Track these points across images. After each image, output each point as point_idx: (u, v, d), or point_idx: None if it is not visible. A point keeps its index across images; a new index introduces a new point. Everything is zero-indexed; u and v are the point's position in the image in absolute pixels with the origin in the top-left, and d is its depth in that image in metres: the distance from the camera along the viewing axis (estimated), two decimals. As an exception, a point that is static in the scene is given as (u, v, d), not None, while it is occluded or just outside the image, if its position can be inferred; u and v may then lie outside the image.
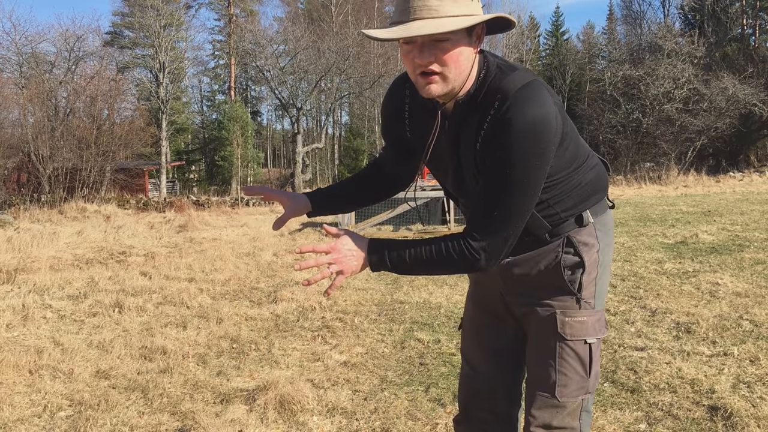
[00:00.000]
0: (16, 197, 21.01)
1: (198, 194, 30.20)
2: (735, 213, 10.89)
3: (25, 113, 23.60)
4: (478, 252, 1.42)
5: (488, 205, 1.42)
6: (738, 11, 35.30)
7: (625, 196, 18.65)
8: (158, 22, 32.53)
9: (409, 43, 1.35)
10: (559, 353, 1.56)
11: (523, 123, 1.34)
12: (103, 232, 11.11)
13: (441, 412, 2.94)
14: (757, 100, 28.01)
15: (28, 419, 3.01)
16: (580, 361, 1.56)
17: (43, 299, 5.55)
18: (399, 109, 1.61)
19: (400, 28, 1.32)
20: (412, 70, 1.38)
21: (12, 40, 30.77)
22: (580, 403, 1.58)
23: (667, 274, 5.90)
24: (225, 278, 6.49)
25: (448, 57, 1.34)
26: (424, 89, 1.38)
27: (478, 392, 1.76)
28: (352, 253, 1.45)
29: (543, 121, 1.36)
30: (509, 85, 1.38)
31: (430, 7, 1.30)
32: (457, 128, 1.48)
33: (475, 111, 1.43)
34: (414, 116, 1.59)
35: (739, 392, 3.00)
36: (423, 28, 1.29)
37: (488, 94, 1.40)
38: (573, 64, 40.81)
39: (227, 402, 3.14)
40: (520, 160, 1.36)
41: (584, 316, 1.57)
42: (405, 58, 1.38)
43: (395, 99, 1.62)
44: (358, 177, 1.83)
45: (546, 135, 1.37)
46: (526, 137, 1.35)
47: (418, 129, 1.57)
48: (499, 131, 1.37)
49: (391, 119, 1.65)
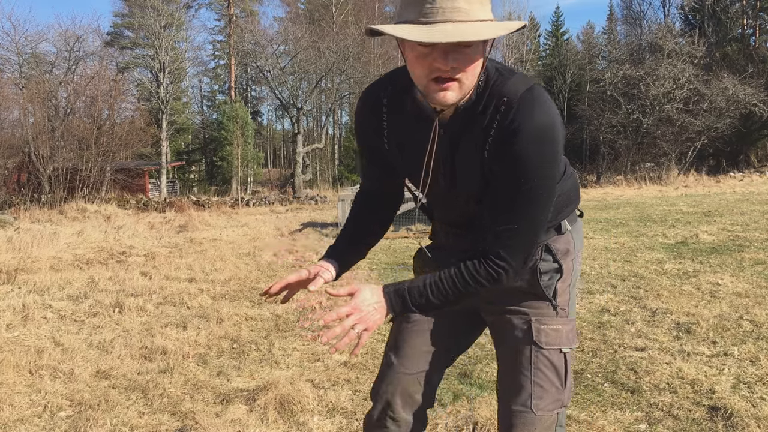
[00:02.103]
0: (16, 197, 21.02)
1: (198, 194, 30.23)
2: (735, 213, 10.89)
3: (25, 113, 23.62)
4: (504, 270, 1.38)
5: (505, 220, 1.37)
6: (738, 11, 35.30)
7: (625, 196, 18.64)
8: (158, 22, 32.52)
9: (428, 46, 1.23)
10: (534, 363, 1.51)
11: (533, 130, 1.31)
12: (104, 232, 11.12)
13: (441, 412, 2.94)
14: (757, 100, 28.00)
15: (29, 419, 3.01)
16: (555, 371, 1.52)
17: (44, 299, 5.55)
18: (377, 121, 1.50)
19: (437, 31, 1.19)
20: (426, 74, 1.27)
21: (12, 41, 30.80)
22: (555, 418, 1.52)
23: (667, 274, 5.90)
24: (225, 278, 6.49)
25: (469, 64, 1.26)
26: (437, 95, 1.28)
27: (406, 391, 1.61)
28: (374, 306, 1.36)
29: (552, 127, 1.33)
30: (512, 90, 1.34)
31: (460, 10, 1.21)
32: (455, 136, 1.40)
33: (477, 117, 1.36)
34: (395, 127, 1.49)
35: (739, 392, 3.00)
36: (465, 33, 1.20)
37: (491, 100, 1.35)
38: (573, 64, 40.79)
39: (227, 402, 3.14)
40: (534, 171, 1.33)
41: (559, 324, 1.54)
42: (420, 61, 1.26)
43: (373, 110, 1.51)
44: (356, 217, 1.67)
45: (556, 141, 1.34)
46: (537, 145, 1.32)
47: (402, 139, 1.48)
48: (509, 138, 1.32)
49: (368, 132, 1.54)
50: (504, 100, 1.33)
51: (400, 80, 1.45)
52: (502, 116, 1.33)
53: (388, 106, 1.48)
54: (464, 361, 3.64)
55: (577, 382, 3.24)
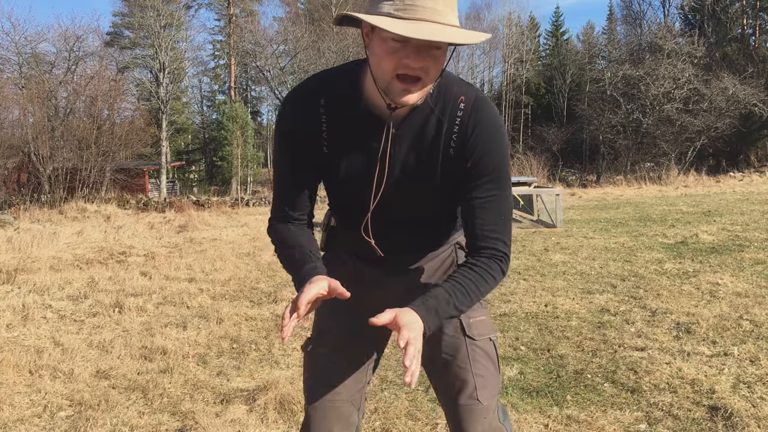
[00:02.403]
0: (16, 197, 21.01)
1: (198, 194, 30.20)
2: (735, 213, 10.89)
3: (25, 113, 23.61)
4: (507, 260, 1.43)
5: (494, 214, 1.40)
6: (738, 11, 35.32)
7: (625, 196, 18.65)
8: (158, 22, 32.54)
9: (402, 42, 1.23)
10: (472, 356, 1.54)
11: (495, 124, 1.39)
12: (103, 232, 11.12)
13: (441, 412, 2.93)
14: (757, 100, 28.02)
15: (28, 419, 3.01)
16: (490, 359, 1.56)
17: (43, 299, 5.55)
18: (315, 125, 1.41)
19: (417, 28, 1.20)
20: (392, 69, 1.26)
21: (12, 41, 30.83)
22: (497, 404, 1.56)
23: (667, 274, 5.90)
24: (225, 278, 6.49)
25: (436, 66, 1.28)
26: (400, 94, 1.27)
27: (342, 417, 1.58)
28: (416, 323, 1.28)
29: (502, 122, 1.44)
30: (464, 90, 1.39)
31: (437, 11, 1.23)
32: (410, 136, 1.39)
33: (431, 118, 1.38)
34: (335, 129, 1.41)
35: (739, 392, 3.00)
36: (445, 34, 1.21)
37: (446, 101, 1.38)
38: (573, 64, 40.80)
39: (227, 402, 3.14)
40: (502, 161, 1.40)
41: (483, 315, 1.58)
42: (389, 56, 1.25)
43: (308, 114, 1.41)
44: (299, 243, 1.47)
45: (506, 135, 1.44)
46: (499, 137, 1.40)
47: (345, 142, 1.41)
48: (473, 134, 1.37)
49: (301, 139, 1.42)
50: (461, 99, 1.38)
51: (338, 80, 1.41)
52: (464, 114, 1.38)
53: (327, 107, 1.40)
54: (464, 361, 3.64)
55: (577, 382, 3.24)
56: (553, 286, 5.56)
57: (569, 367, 3.46)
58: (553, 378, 3.32)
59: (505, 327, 4.32)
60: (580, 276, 5.99)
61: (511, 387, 3.19)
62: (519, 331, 4.20)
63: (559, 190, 11.08)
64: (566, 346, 3.85)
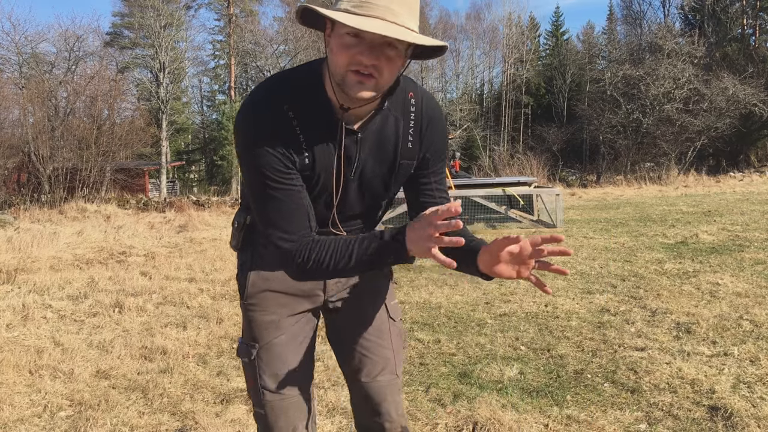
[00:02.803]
0: (16, 197, 20.99)
1: (198, 194, 30.18)
2: (735, 213, 10.89)
3: (25, 113, 23.59)
4: None
5: (444, 192, 1.57)
6: (738, 11, 35.32)
7: (625, 196, 18.65)
8: (158, 22, 32.55)
9: (355, 37, 1.25)
10: (392, 335, 1.70)
11: (441, 116, 1.54)
12: (104, 232, 11.12)
13: (441, 412, 2.94)
14: (757, 100, 28.03)
15: (28, 419, 3.01)
16: (401, 338, 1.75)
17: (43, 299, 5.55)
18: (291, 137, 1.37)
19: (369, 22, 1.22)
20: (346, 64, 1.27)
21: (12, 41, 30.85)
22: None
23: (667, 274, 5.90)
24: (225, 278, 6.49)
25: (388, 65, 1.29)
26: (354, 87, 1.28)
27: (303, 411, 1.63)
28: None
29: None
30: (411, 85, 1.49)
31: (392, 11, 1.25)
32: (373, 137, 1.44)
33: (391, 116, 1.45)
34: (310, 137, 1.39)
35: (739, 392, 3.00)
36: (396, 32, 1.23)
37: (398, 97, 1.45)
38: (573, 64, 40.82)
39: (227, 402, 3.14)
40: (446, 147, 1.59)
41: (395, 299, 1.75)
42: (343, 51, 1.27)
43: (281, 127, 1.36)
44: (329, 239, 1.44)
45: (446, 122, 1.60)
46: (445, 126, 1.56)
47: (317, 148, 1.40)
48: (427, 125, 1.50)
49: (281, 155, 1.36)
50: (411, 95, 1.48)
51: (295, 87, 1.40)
52: (416, 110, 1.48)
53: (296, 117, 1.37)
54: (464, 361, 3.64)
55: (577, 382, 3.24)
56: (553, 286, 5.56)
57: (569, 367, 3.46)
58: (553, 378, 3.32)
59: (505, 327, 4.32)
60: (580, 276, 5.99)
61: (511, 387, 3.19)
62: (519, 331, 4.20)
63: (559, 190, 11.08)
64: (566, 346, 3.85)
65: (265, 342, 1.59)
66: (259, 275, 1.60)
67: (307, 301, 1.63)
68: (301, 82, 1.41)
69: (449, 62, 43.54)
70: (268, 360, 1.59)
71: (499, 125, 42.18)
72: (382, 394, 1.64)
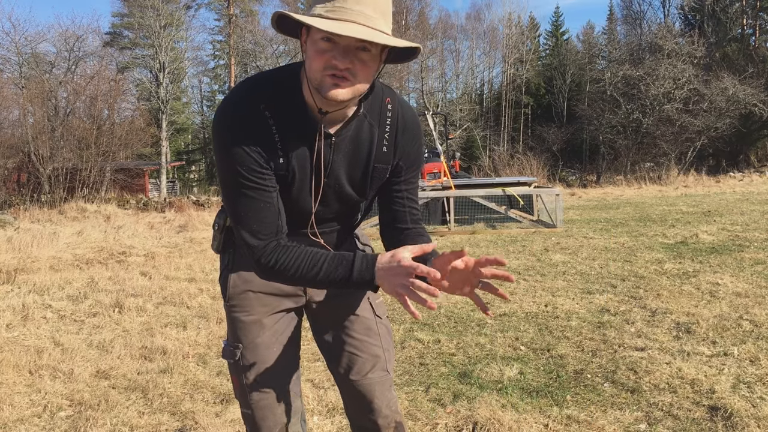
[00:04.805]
0: (16, 197, 20.99)
1: (198, 194, 30.16)
2: (735, 213, 10.90)
3: (25, 113, 23.59)
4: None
5: (416, 200, 1.60)
6: (738, 11, 35.33)
7: (625, 196, 18.65)
8: (158, 22, 32.54)
9: (330, 42, 1.28)
10: (380, 333, 1.70)
11: (417, 122, 1.56)
12: (103, 232, 11.12)
13: (441, 412, 2.94)
14: (757, 100, 28.03)
15: (28, 419, 3.01)
16: (390, 335, 1.74)
17: (43, 299, 5.55)
18: (267, 138, 1.39)
19: (341, 26, 1.24)
20: (321, 68, 1.29)
21: (12, 41, 30.83)
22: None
23: (667, 274, 5.90)
24: (225, 278, 6.49)
25: (363, 68, 1.31)
26: (331, 90, 1.30)
27: (290, 406, 1.66)
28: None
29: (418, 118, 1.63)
30: (388, 92, 1.51)
31: (365, 15, 1.27)
32: (348, 142, 1.46)
33: (366, 122, 1.47)
34: (287, 139, 1.41)
35: (739, 392, 3.00)
36: (369, 35, 1.25)
37: (374, 102, 1.47)
38: (573, 64, 40.82)
39: (227, 402, 3.14)
40: (422, 154, 1.61)
41: (379, 297, 1.75)
42: (319, 56, 1.29)
43: (258, 128, 1.38)
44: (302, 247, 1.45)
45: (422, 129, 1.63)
46: (421, 133, 1.59)
47: (295, 151, 1.42)
48: (405, 134, 1.52)
49: (256, 156, 1.38)
50: (388, 101, 1.50)
51: (274, 88, 1.41)
52: (393, 116, 1.50)
53: (272, 117, 1.39)
54: (464, 361, 3.64)
55: (577, 382, 3.24)
56: (553, 286, 5.56)
57: (569, 367, 3.46)
58: (553, 378, 3.32)
59: (505, 327, 4.32)
60: (580, 276, 5.99)
61: (511, 387, 3.19)
62: (519, 331, 4.20)
63: (559, 190, 11.08)
64: (566, 346, 3.85)
65: (249, 342, 1.61)
66: (239, 276, 1.62)
67: (288, 300, 1.65)
68: (280, 83, 1.42)
69: (449, 62, 43.56)
70: (252, 360, 1.61)
71: (499, 125, 42.19)
72: (373, 391, 1.64)
